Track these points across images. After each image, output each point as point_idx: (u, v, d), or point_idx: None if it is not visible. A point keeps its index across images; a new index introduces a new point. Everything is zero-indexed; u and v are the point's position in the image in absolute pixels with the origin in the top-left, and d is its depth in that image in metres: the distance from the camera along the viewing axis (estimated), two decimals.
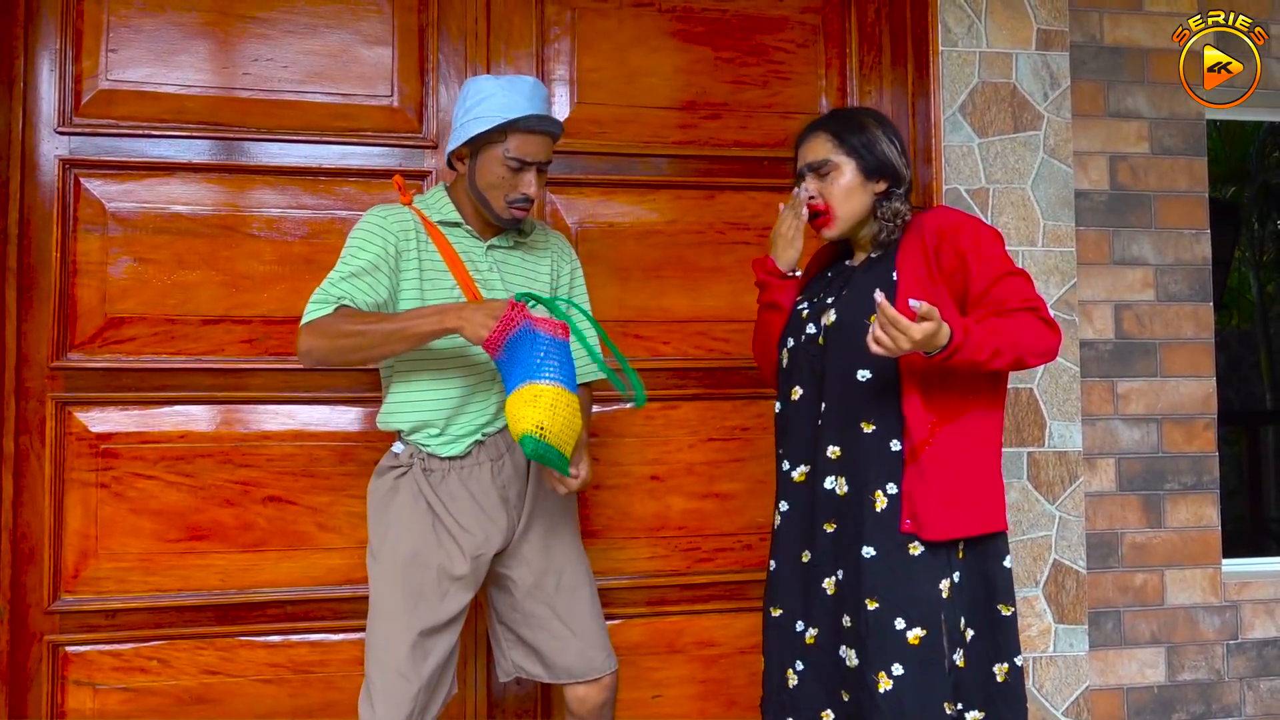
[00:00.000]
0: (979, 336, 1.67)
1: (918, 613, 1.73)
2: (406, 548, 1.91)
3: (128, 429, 2.35)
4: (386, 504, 1.96)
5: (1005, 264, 1.79)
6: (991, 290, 1.76)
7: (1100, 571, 2.71)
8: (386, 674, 1.87)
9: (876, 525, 1.76)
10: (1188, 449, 2.79)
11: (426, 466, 1.95)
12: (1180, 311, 2.80)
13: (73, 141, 2.36)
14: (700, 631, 2.60)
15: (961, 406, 1.78)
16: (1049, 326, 1.76)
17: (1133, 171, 2.79)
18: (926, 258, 1.81)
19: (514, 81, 1.93)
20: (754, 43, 2.70)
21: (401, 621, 1.88)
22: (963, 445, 1.78)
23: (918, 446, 1.75)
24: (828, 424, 1.84)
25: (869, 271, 1.88)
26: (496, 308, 1.75)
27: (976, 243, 1.78)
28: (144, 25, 2.40)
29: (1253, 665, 2.80)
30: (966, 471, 1.77)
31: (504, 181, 1.93)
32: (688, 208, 2.65)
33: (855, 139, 1.88)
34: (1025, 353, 1.73)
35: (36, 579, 2.30)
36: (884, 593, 1.74)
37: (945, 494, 1.74)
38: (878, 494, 1.77)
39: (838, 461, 1.82)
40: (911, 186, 1.94)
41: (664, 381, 2.60)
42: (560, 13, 2.61)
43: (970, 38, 2.66)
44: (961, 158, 2.63)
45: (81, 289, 2.34)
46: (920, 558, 1.75)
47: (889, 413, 1.78)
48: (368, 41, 2.50)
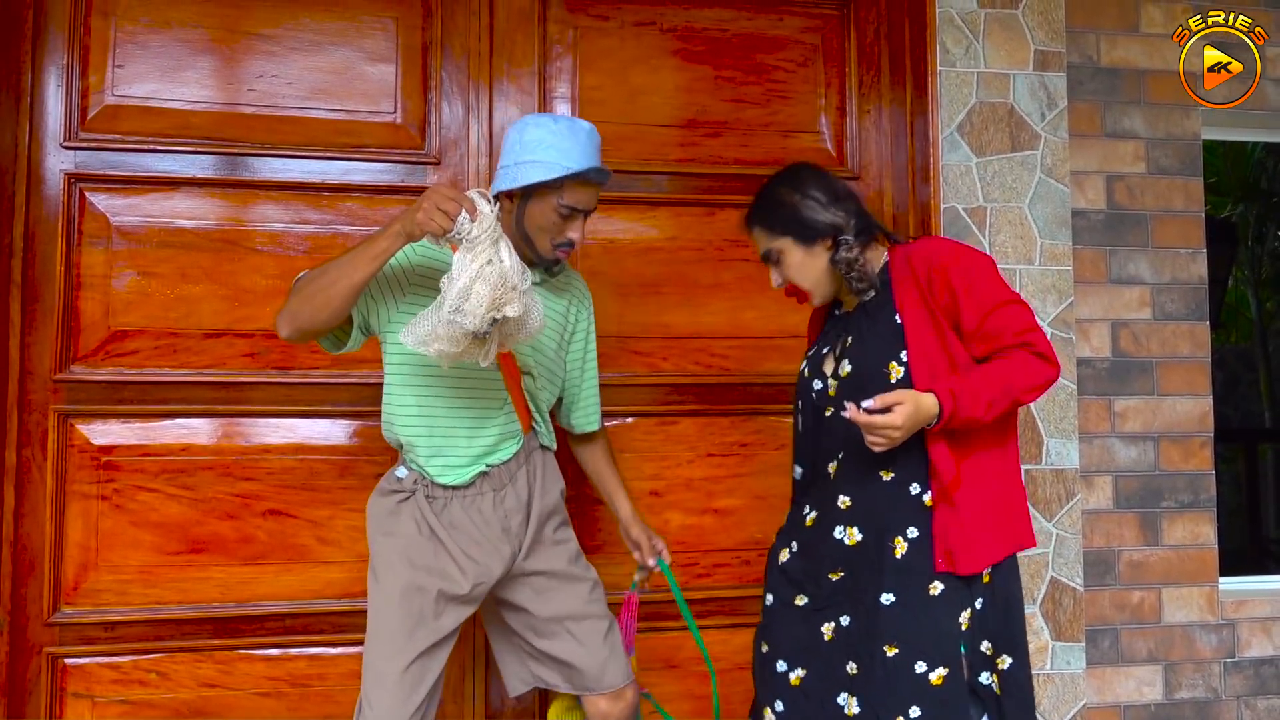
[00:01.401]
0: (968, 396, 1.68)
1: (940, 653, 1.73)
2: (407, 573, 1.91)
3: (129, 441, 2.36)
4: (389, 527, 1.95)
5: (997, 294, 1.77)
6: (984, 325, 1.75)
7: (1097, 589, 2.71)
8: (384, 696, 1.86)
9: (896, 571, 1.76)
10: (1185, 467, 2.80)
11: (430, 494, 1.95)
12: (1177, 330, 2.82)
13: (78, 156, 2.38)
14: (697, 648, 2.60)
15: (978, 441, 1.79)
16: (1043, 360, 1.75)
17: (1129, 191, 2.81)
18: (922, 294, 1.80)
19: (573, 128, 1.92)
20: (754, 62, 2.73)
21: (399, 646, 1.88)
22: (985, 476, 1.79)
23: (949, 487, 1.75)
24: (843, 474, 1.85)
25: (870, 317, 1.86)
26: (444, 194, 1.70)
27: (966, 276, 1.76)
28: (150, 41, 2.42)
29: (1250, 684, 2.80)
30: (993, 500, 1.79)
31: (553, 226, 1.93)
32: (688, 225, 2.67)
33: (778, 217, 1.88)
34: (1019, 393, 1.74)
35: (37, 591, 2.31)
36: (905, 637, 1.73)
37: (980, 527, 1.75)
38: (898, 540, 1.77)
39: (848, 511, 1.83)
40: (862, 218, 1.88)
41: (663, 397, 2.61)
42: (563, 31, 2.63)
43: (968, 58, 2.68)
44: (959, 177, 2.65)
45: (85, 302, 2.36)
46: (940, 596, 1.75)
47: (908, 459, 1.78)
48: (372, 59, 2.52)
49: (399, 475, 1.99)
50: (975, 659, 1.76)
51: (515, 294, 1.71)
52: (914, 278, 1.81)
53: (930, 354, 1.77)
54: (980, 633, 1.77)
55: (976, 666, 1.76)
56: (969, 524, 1.75)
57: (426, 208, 1.69)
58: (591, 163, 1.91)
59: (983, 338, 1.76)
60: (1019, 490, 1.85)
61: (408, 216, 1.73)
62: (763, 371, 2.66)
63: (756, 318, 2.66)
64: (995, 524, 1.78)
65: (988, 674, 1.76)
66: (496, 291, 1.68)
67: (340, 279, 1.77)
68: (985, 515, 1.77)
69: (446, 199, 1.69)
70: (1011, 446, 1.85)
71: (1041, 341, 1.76)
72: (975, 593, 1.77)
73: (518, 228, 1.95)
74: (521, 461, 2.02)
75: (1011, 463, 1.84)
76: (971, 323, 1.76)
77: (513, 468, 2.01)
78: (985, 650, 1.77)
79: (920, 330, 1.78)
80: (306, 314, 1.81)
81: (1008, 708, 1.76)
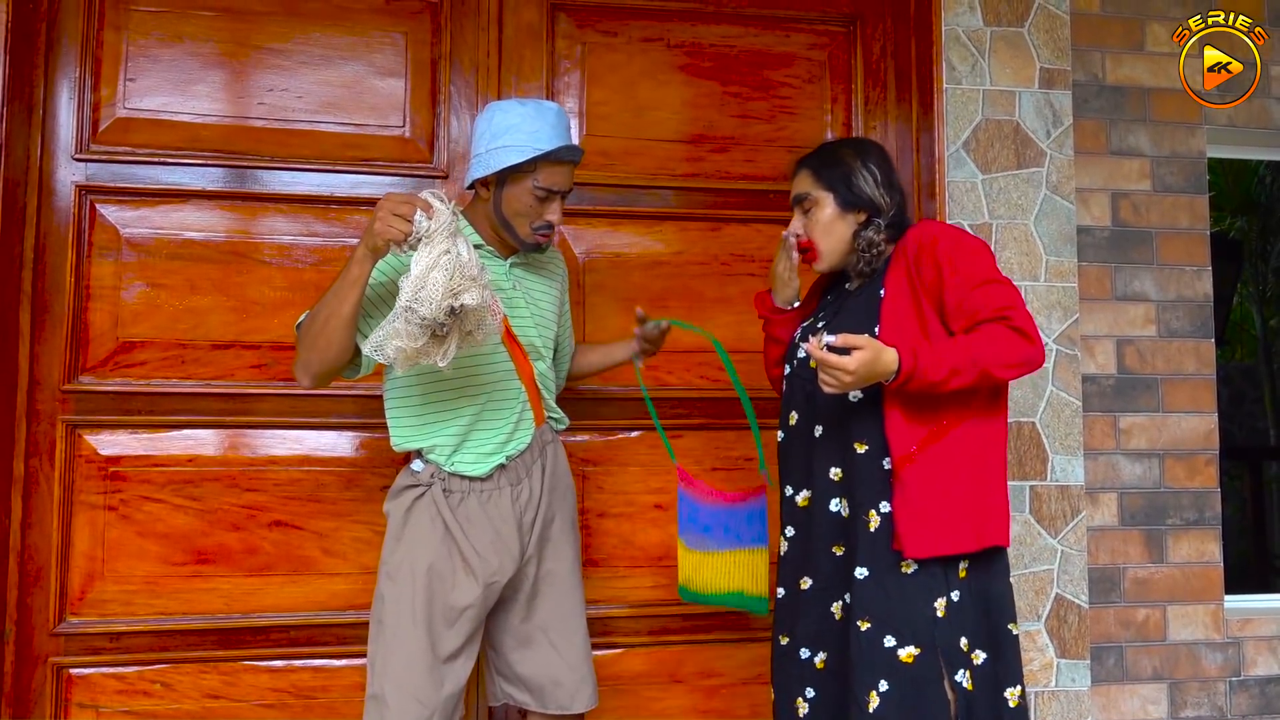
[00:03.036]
0: (930, 359, 1.66)
1: (910, 631, 1.71)
2: (424, 570, 1.91)
3: (136, 452, 2.37)
4: (404, 524, 1.96)
5: (982, 273, 1.75)
6: (965, 302, 1.73)
7: (1102, 606, 2.71)
8: (403, 698, 1.86)
9: (869, 545, 1.76)
10: (1190, 484, 2.80)
11: (446, 488, 1.95)
12: (1182, 347, 2.82)
13: (89, 168, 2.40)
14: (702, 661, 2.60)
15: (951, 423, 1.76)
16: (1022, 336, 1.70)
17: (1134, 208, 2.82)
18: (909, 273, 1.81)
19: (540, 109, 1.94)
20: (761, 78, 2.74)
21: (420, 645, 1.88)
22: (952, 461, 1.74)
23: (898, 464, 1.74)
24: (825, 446, 1.85)
25: (859, 295, 1.90)
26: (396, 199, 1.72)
27: (952, 253, 1.76)
28: (161, 55, 2.44)
29: (1255, 703, 2.79)
30: (954, 488, 1.74)
31: (530, 210, 1.95)
32: (694, 239, 2.68)
33: (832, 173, 1.91)
34: (991, 365, 1.68)
35: (43, 601, 2.31)
36: (875, 612, 1.73)
37: (928, 511, 1.72)
38: (871, 513, 1.77)
39: (840, 483, 1.83)
40: (900, 214, 1.92)
41: (668, 411, 2.61)
42: (570, 46, 2.65)
43: (974, 75, 2.69)
44: (965, 193, 2.66)
45: (94, 313, 2.37)
46: (913, 575, 1.74)
47: (880, 432, 1.78)
48: (381, 73, 2.54)
49: (414, 469, 1.99)
50: (952, 654, 1.73)
51: (473, 283, 1.69)
52: (905, 257, 1.83)
53: (904, 326, 1.77)
54: (958, 627, 1.75)
55: (954, 662, 1.73)
56: (917, 506, 1.72)
57: (382, 217, 1.70)
58: (562, 142, 1.93)
59: (963, 314, 1.74)
60: (991, 486, 1.78)
61: (367, 233, 1.74)
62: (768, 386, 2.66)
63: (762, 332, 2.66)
64: (955, 514, 1.73)
65: (963, 671, 1.74)
66: (453, 279, 1.67)
67: (331, 317, 1.79)
68: (942, 502, 1.72)
69: (399, 203, 1.71)
70: (992, 439, 1.80)
71: (1021, 317, 1.71)
72: (953, 584, 1.75)
73: (496, 215, 1.98)
74: (536, 454, 2.03)
75: (992, 453, 1.79)
76: (954, 298, 1.74)
77: (528, 460, 2.01)
78: (962, 646, 1.75)
79: (898, 305, 1.79)
80: (317, 360, 1.84)
81: (976, 706, 1.74)
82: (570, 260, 2.58)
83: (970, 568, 1.78)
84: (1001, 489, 1.81)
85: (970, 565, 1.78)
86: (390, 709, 1.86)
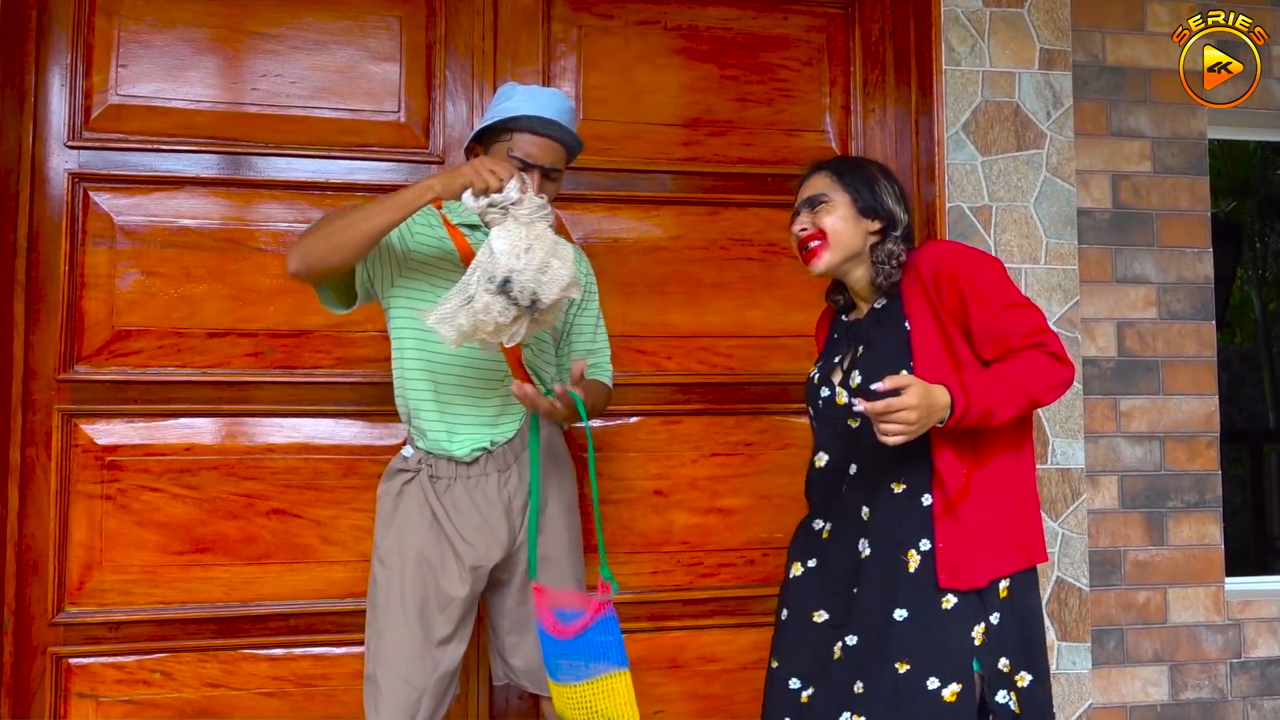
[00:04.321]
0: (980, 391, 1.64)
1: (951, 668, 1.68)
2: (413, 554, 1.93)
3: (133, 441, 2.36)
4: (393, 508, 1.97)
5: (1006, 297, 1.74)
6: (993, 327, 1.72)
7: (1103, 589, 2.70)
8: (393, 679, 1.88)
9: (910, 585, 1.72)
10: (1190, 467, 2.79)
11: (434, 473, 1.96)
12: (1183, 329, 2.81)
13: (82, 155, 2.38)
14: (702, 647, 2.60)
15: (991, 450, 1.75)
16: (1058, 360, 1.71)
17: (1135, 190, 2.80)
18: (930, 300, 1.77)
19: (535, 89, 2.00)
20: (759, 61, 2.72)
21: (410, 628, 1.90)
22: (997, 488, 1.74)
23: (954, 499, 1.71)
24: (860, 486, 1.81)
25: (880, 325, 1.84)
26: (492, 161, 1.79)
27: (972, 278, 1.74)
28: (154, 41, 2.42)
29: (1256, 684, 2.79)
30: (1003, 513, 1.74)
31: None
32: (692, 224, 2.67)
33: (852, 176, 1.87)
34: (1036, 391, 1.69)
35: (41, 591, 2.31)
36: (916, 653, 1.69)
37: (984, 541, 1.71)
38: (911, 553, 1.73)
39: (869, 524, 1.79)
40: (910, 233, 1.89)
41: (667, 396, 2.61)
42: (567, 30, 2.63)
43: (973, 57, 2.67)
44: (964, 176, 2.65)
45: (89, 302, 2.36)
46: (953, 610, 1.70)
47: (918, 469, 1.75)
48: (376, 58, 2.52)
49: (405, 454, 2.01)
50: (993, 676, 1.70)
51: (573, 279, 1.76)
52: (921, 283, 1.79)
53: (937, 360, 1.74)
54: (998, 649, 1.71)
55: (994, 684, 1.70)
56: (973, 538, 1.71)
57: (476, 166, 1.75)
58: (542, 114, 1.92)
59: (993, 340, 1.73)
60: (1033, 502, 1.80)
61: (445, 176, 1.78)
62: (767, 371, 2.66)
63: (761, 317, 2.65)
64: (1004, 537, 1.73)
65: (1005, 692, 1.71)
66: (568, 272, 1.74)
67: (360, 221, 1.78)
68: (993, 528, 1.72)
69: (499, 165, 1.77)
70: (1027, 455, 1.80)
71: (1055, 342, 1.72)
72: (991, 607, 1.72)
73: None
74: (527, 441, 2.02)
75: (1026, 473, 1.80)
76: (981, 325, 1.73)
77: (517, 446, 2.01)
78: (1003, 667, 1.71)
79: (927, 337, 1.76)
80: (320, 251, 1.80)
81: None
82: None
83: (1012, 586, 1.75)
84: (1038, 505, 1.82)
85: (1012, 584, 1.75)
86: (382, 691, 1.89)
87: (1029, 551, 1.77)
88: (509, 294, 1.70)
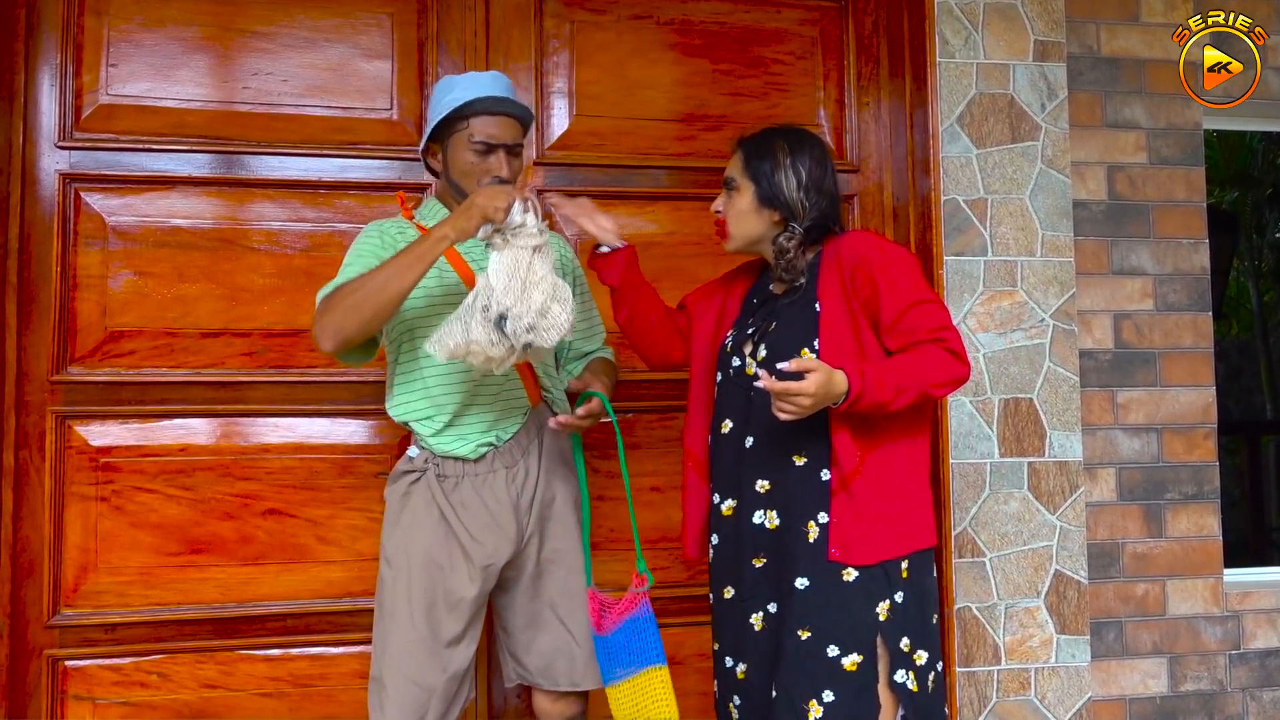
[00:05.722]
0: (877, 379, 1.69)
1: (853, 639, 1.74)
2: (420, 554, 1.91)
3: (127, 442, 2.35)
4: (400, 508, 1.96)
5: (916, 292, 1.79)
6: (901, 320, 1.77)
7: (1101, 582, 2.70)
8: (400, 681, 1.87)
9: (809, 556, 1.78)
10: (1188, 458, 2.79)
11: (440, 472, 1.95)
12: (1179, 321, 2.80)
13: (73, 156, 2.37)
14: (701, 643, 2.58)
15: (887, 433, 1.79)
16: (955, 357, 1.76)
17: (1130, 182, 2.80)
18: (844, 286, 1.82)
19: (475, 74, 2.00)
20: (752, 55, 2.71)
21: (417, 629, 1.89)
22: (891, 469, 1.79)
23: (848, 476, 1.77)
24: (755, 457, 1.85)
25: (792, 304, 1.88)
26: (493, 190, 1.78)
27: (888, 271, 1.79)
28: (144, 40, 2.41)
29: (1255, 676, 2.79)
30: (897, 494, 1.80)
31: (474, 167, 1.95)
32: (686, 219, 2.66)
33: (758, 163, 1.89)
34: (929, 386, 1.74)
35: (36, 593, 2.30)
36: (817, 621, 1.74)
37: (877, 519, 1.76)
38: (810, 524, 1.79)
39: (767, 495, 1.83)
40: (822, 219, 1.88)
41: (663, 392, 2.60)
42: (559, 26, 2.62)
43: (967, 49, 2.67)
44: (959, 168, 2.64)
45: (81, 303, 2.35)
46: (854, 583, 1.76)
47: (819, 444, 1.80)
48: (367, 55, 2.51)
49: (411, 455, 2.01)
50: (895, 655, 1.76)
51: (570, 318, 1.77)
52: (839, 269, 1.83)
53: (842, 343, 1.79)
54: (901, 627, 1.77)
55: (895, 663, 1.75)
56: (866, 516, 1.76)
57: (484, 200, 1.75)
58: (492, 93, 1.94)
59: (898, 332, 1.78)
60: (924, 488, 1.85)
61: (457, 220, 1.76)
62: None
63: None
64: (895, 519, 1.78)
65: (904, 670, 1.76)
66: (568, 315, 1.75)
67: (383, 289, 1.78)
68: (884, 508, 1.77)
69: (499, 193, 1.76)
70: (922, 442, 1.85)
71: (955, 339, 1.78)
72: (895, 585, 1.78)
73: (448, 181, 2.00)
74: (533, 435, 2.02)
75: (920, 459, 1.85)
76: (890, 316, 1.78)
77: (524, 441, 2.00)
78: (904, 646, 1.77)
79: (835, 319, 1.80)
80: (354, 325, 1.80)
81: (922, 705, 1.77)
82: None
83: (911, 567, 1.81)
84: (929, 492, 1.88)
85: (911, 565, 1.81)
86: (388, 692, 1.87)
87: (919, 534, 1.82)
88: (503, 330, 1.71)
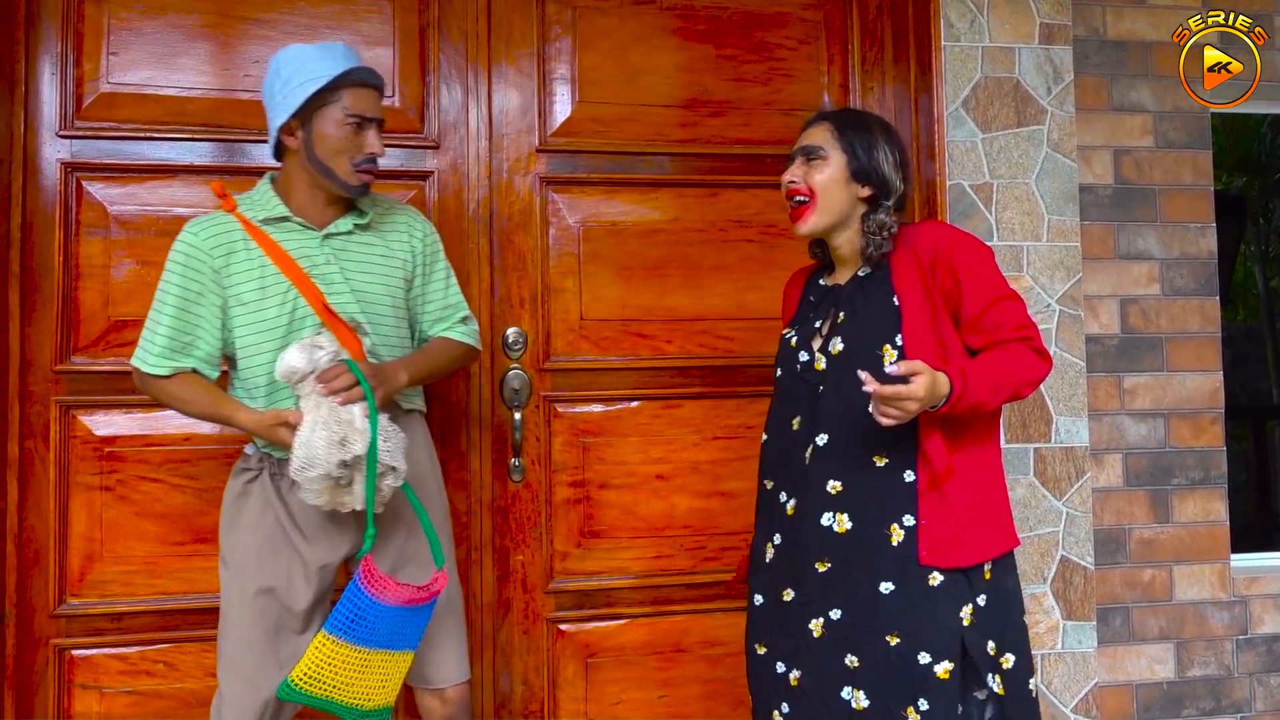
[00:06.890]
0: (976, 381, 1.66)
1: (943, 645, 1.69)
2: (254, 557, 1.87)
3: (132, 432, 2.35)
4: (237, 509, 1.92)
5: (999, 288, 1.76)
6: (984, 317, 1.74)
7: (1108, 567, 2.69)
8: (235, 683, 1.85)
9: (894, 560, 1.72)
10: (1195, 444, 2.78)
11: (275, 472, 1.90)
12: (1186, 306, 2.79)
13: (74, 145, 2.36)
14: (706, 630, 2.59)
15: (970, 435, 1.76)
16: (1040, 356, 1.74)
17: (1137, 165, 2.78)
18: (924, 277, 1.77)
19: (324, 45, 1.89)
20: (755, 40, 2.69)
21: (251, 629, 1.86)
22: (975, 470, 1.76)
23: (940, 477, 1.72)
24: (829, 457, 1.78)
25: (866, 295, 1.82)
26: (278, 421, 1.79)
27: (970, 264, 1.75)
28: (144, 28, 2.40)
29: (1262, 660, 2.78)
30: (983, 495, 1.76)
31: (347, 144, 1.86)
32: (690, 206, 2.64)
33: (853, 136, 1.83)
34: (1019, 385, 1.73)
35: (42, 583, 2.30)
36: (906, 627, 1.69)
37: (966, 521, 1.72)
38: (894, 528, 1.73)
39: (838, 496, 1.76)
40: (904, 203, 1.87)
41: (668, 380, 2.60)
42: (561, 12, 2.60)
43: (973, 32, 2.64)
44: (965, 153, 2.62)
45: (84, 292, 2.34)
46: (940, 587, 1.71)
47: (903, 445, 1.74)
48: (368, 42, 2.49)
49: (248, 452, 1.96)
50: (982, 659, 1.71)
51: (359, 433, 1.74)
52: (916, 260, 1.78)
53: (924, 338, 1.74)
54: (985, 631, 1.72)
55: (983, 666, 1.71)
56: (958, 516, 1.72)
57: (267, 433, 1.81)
58: (358, 64, 1.89)
59: (982, 329, 1.75)
60: (1004, 489, 1.83)
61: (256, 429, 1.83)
62: (768, 353, 2.60)
63: (760, 299, 2.63)
64: (984, 519, 1.75)
65: (992, 674, 1.72)
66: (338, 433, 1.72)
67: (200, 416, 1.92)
68: (974, 509, 1.74)
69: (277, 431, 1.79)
70: (996, 442, 1.82)
71: (1038, 337, 1.76)
72: (978, 589, 1.73)
73: (312, 162, 1.88)
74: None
75: (998, 460, 1.82)
76: (972, 312, 1.74)
77: None
78: (990, 650, 1.73)
79: (917, 314, 1.75)
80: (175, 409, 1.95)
81: (1011, 710, 1.73)
82: (565, 229, 2.55)
83: (995, 569, 1.77)
84: (1006, 489, 1.85)
85: (994, 567, 1.77)
86: (224, 694, 1.86)
87: (1005, 536, 1.79)
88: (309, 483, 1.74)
